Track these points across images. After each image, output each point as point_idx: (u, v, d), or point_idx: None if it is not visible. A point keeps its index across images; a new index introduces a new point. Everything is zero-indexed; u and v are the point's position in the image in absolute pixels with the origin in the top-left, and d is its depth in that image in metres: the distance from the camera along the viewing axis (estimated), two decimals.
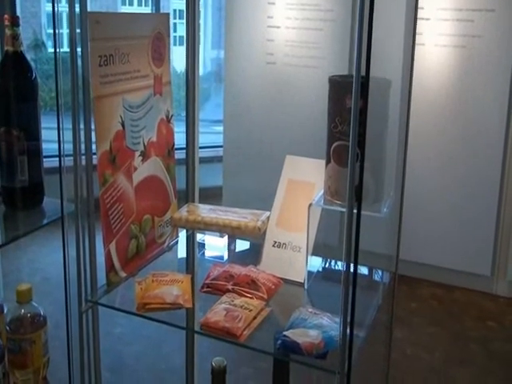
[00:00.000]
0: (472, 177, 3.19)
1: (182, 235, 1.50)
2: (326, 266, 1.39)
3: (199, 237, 1.48)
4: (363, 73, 0.97)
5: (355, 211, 1.03)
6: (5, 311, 1.43)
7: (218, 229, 1.37)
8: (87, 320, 1.31)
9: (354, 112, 0.99)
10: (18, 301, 1.41)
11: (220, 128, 3.86)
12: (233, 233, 1.36)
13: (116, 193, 1.28)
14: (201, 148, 1.58)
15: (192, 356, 1.50)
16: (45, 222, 1.50)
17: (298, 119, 3.31)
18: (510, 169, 3.13)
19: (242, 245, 1.42)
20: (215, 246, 1.42)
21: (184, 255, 1.47)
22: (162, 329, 3.19)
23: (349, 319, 1.04)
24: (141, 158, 1.36)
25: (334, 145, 1.25)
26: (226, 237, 1.39)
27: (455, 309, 3.20)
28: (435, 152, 3.22)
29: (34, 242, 3.60)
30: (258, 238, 1.34)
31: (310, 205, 1.28)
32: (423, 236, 3.27)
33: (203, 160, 1.56)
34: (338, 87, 1.24)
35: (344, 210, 1.05)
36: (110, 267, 1.28)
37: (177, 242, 1.49)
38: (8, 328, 1.41)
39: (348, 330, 1.04)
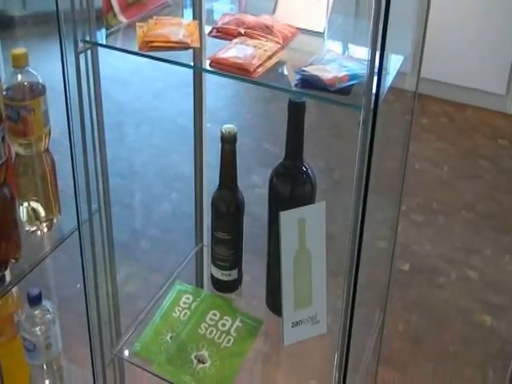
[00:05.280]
0: None
1: None
2: (348, 15, 1.25)
3: None
4: None
5: None
6: (2, 80, 1.35)
7: None
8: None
9: None
10: (13, 65, 1.31)
11: None
12: None
13: None
14: None
15: (200, 98, 1.38)
16: None
17: None
18: None
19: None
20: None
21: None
22: (169, 139, 3.14)
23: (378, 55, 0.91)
24: None
25: None
26: None
27: (466, 126, 3.11)
28: None
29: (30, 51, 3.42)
30: None
31: None
32: (437, 52, 3.10)
33: None
34: None
35: None
36: (107, 7, 1.14)
37: None
38: (5, 94, 1.32)
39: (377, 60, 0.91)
